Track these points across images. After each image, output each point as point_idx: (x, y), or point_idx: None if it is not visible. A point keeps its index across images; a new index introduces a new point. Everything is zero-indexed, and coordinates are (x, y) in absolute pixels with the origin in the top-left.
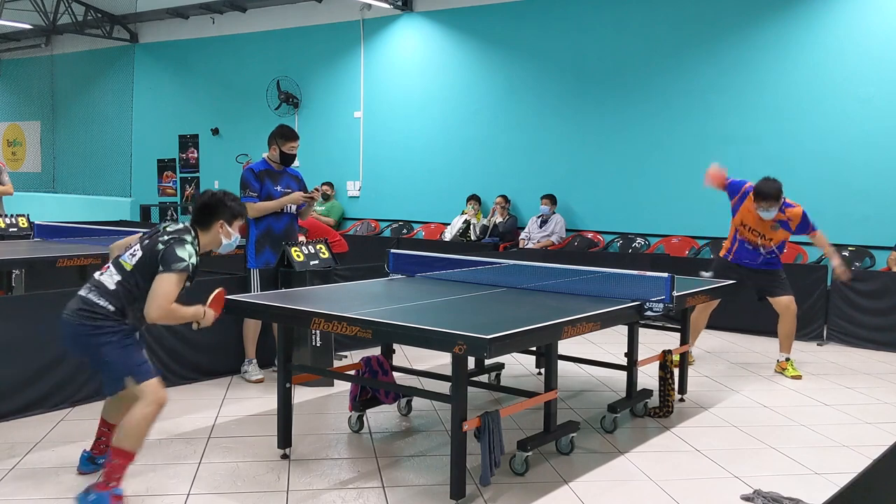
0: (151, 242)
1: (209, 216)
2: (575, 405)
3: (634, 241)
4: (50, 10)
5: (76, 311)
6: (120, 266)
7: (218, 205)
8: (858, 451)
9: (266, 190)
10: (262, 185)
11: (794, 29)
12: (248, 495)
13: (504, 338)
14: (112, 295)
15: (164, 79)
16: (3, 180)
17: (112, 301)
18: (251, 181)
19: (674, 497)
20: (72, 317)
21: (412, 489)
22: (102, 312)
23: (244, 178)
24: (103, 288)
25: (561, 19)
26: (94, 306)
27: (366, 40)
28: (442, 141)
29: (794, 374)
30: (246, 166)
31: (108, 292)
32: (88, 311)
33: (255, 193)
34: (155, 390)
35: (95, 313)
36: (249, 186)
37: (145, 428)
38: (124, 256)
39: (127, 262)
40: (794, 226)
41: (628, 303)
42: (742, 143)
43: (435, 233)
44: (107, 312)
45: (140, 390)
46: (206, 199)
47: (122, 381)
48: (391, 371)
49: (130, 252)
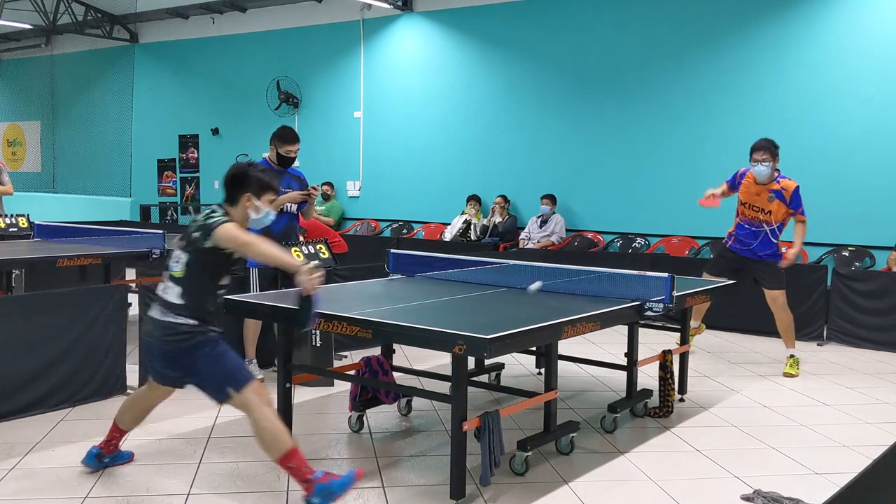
0: (187, 238)
1: (235, 189)
2: (575, 405)
3: (634, 241)
4: (50, 10)
5: (162, 337)
6: (171, 277)
7: (243, 177)
8: (858, 451)
9: None
10: None
11: (794, 29)
12: (248, 495)
13: (504, 338)
14: (184, 308)
15: (164, 79)
16: (4, 180)
17: (188, 314)
18: None
19: (674, 497)
20: (160, 342)
21: (412, 489)
22: (187, 329)
23: None
24: (172, 305)
25: (561, 19)
26: (177, 327)
27: (366, 40)
28: (442, 141)
29: (787, 372)
30: None
31: (179, 308)
32: (173, 333)
33: None
34: (256, 398)
35: (180, 333)
36: None
37: (272, 430)
38: (170, 266)
39: (176, 271)
40: (788, 197)
41: (628, 303)
42: (742, 142)
43: (435, 233)
44: (190, 328)
45: (243, 403)
46: (231, 172)
47: (226, 392)
48: (391, 371)
49: (174, 260)
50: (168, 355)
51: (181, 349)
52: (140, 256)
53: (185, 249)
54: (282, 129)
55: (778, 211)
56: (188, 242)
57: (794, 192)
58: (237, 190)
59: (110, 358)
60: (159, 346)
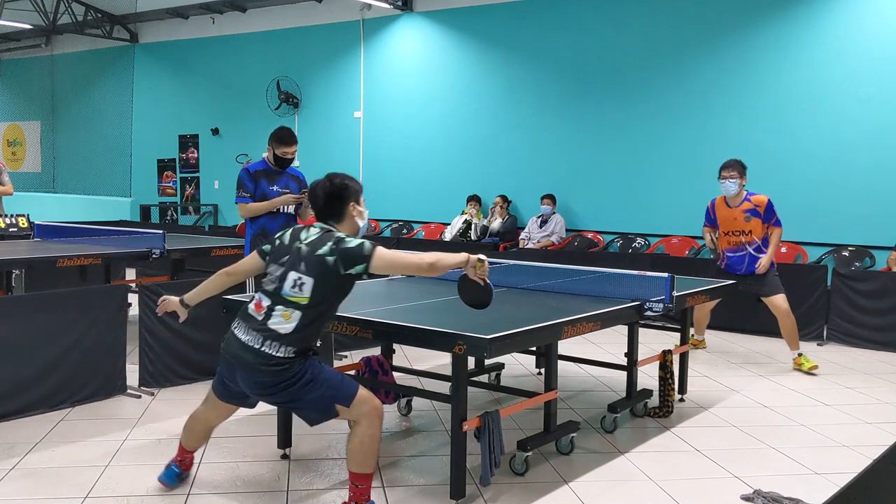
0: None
1: (340, 204)
2: (575, 405)
3: (634, 241)
4: (50, 10)
5: (259, 366)
6: (290, 303)
7: (343, 189)
8: (858, 451)
9: (261, 190)
10: (256, 186)
11: (794, 29)
12: (248, 495)
13: (504, 338)
14: (292, 340)
15: (164, 79)
16: (4, 180)
17: (294, 345)
18: (245, 182)
19: (674, 497)
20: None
21: (412, 489)
22: (288, 361)
23: (239, 179)
24: (280, 336)
25: (561, 19)
26: (279, 360)
27: (366, 40)
28: (442, 141)
29: (810, 366)
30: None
31: (288, 339)
32: (271, 365)
33: (249, 194)
34: (369, 407)
35: (281, 364)
36: (243, 187)
37: (376, 446)
38: (286, 291)
39: (300, 297)
40: (762, 212)
41: (628, 303)
42: (742, 142)
43: (435, 233)
44: (291, 360)
45: (354, 414)
46: (328, 190)
47: (333, 410)
48: (391, 371)
49: (291, 284)
50: (260, 385)
51: (279, 381)
52: (140, 256)
53: (308, 273)
54: (279, 131)
55: (756, 228)
56: (313, 265)
57: (766, 206)
58: (341, 204)
59: (110, 358)
60: (250, 374)
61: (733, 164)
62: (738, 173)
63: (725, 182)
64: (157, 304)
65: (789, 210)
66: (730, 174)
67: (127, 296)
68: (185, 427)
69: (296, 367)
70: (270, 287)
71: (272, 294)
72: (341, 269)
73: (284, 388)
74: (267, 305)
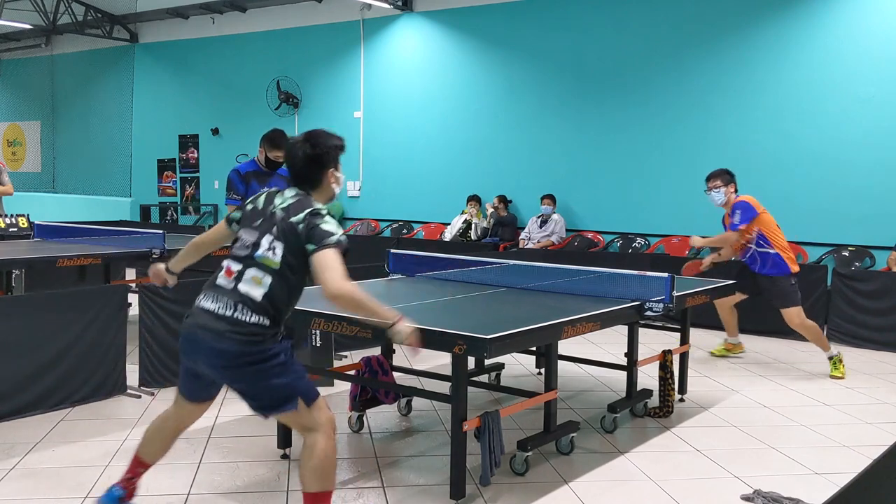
0: (283, 227)
1: (319, 170)
2: (575, 405)
3: (634, 241)
4: (50, 10)
5: (227, 333)
6: (263, 266)
7: (322, 154)
8: (858, 451)
9: (251, 191)
10: (247, 187)
11: (794, 29)
12: (248, 495)
13: (504, 338)
14: (264, 307)
15: (164, 79)
16: (4, 180)
17: (266, 314)
18: (236, 183)
19: (674, 497)
20: (221, 338)
21: (412, 489)
22: (261, 332)
23: (229, 180)
24: (251, 300)
25: (561, 19)
26: (252, 327)
27: (366, 40)
28: (442, 141)
29: (835, 374)
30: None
31: (258, 305)
32: (242, 334)
33: (239, 196)
34: (327, 416)
35: (255, 334)
36: (234, 189)
37: (333, 462)
38: (260, 255)
39: (271, 260)
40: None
41: (628, 303)
42: (742, 142)
43: (435, 233)
44: (263, 330)
45: (313, 417)
46: (309, 153)
47: (295, 402)
48: (391, 371)
49: (266, 247)
50: (226, 357)
51: (249, 352)
52: (140, 256)
53: (280, 238)
54: (272, 133)
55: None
56: (286, 231)
57: (734, 205)
58: (320, 170)
59: (110, 358)
60: (217, 344)
61: (716, 173)
62: (721, 182)
63: (711, 193)
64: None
65: (789, 210)
66: (714, 184)
67: (127, 296)
68: (149, 433)
69: (269, 343)
70: (242, 252)
71: (244, 258)
72: (303, 241)
73: (252, 362)
74: (238, 269)
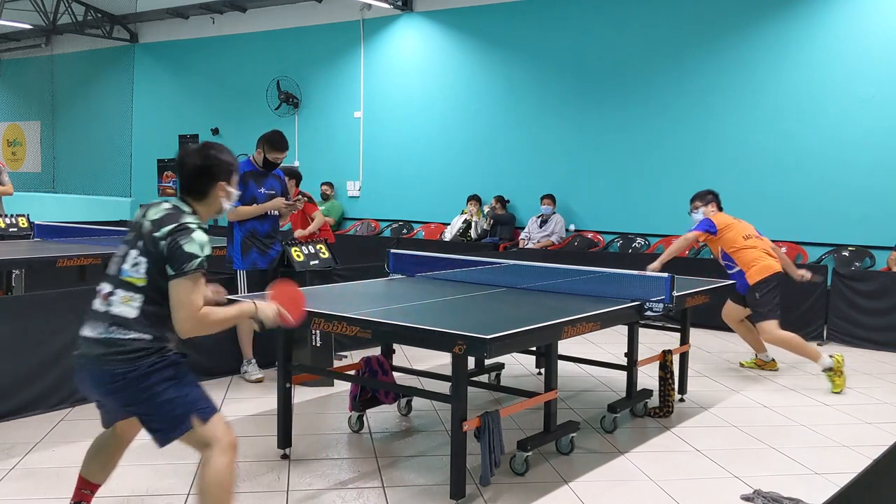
0: (147, 241)
1: (207, 181)
2: (575, 405)
3: (634, 241)
4: (50, 10)
5: (105, 356)
6: (129, 285)
7: (214, 165)
8: (858, 451)
9: (250, 192)
10: (245, 188)
11: (794, 29)
12: (248, 495)
13: (504, 338)
14: (141, 323)
15: (164, 79)
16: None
17: (145, 330)
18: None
19: (674, 497)
20: (101, 361)
21: (412, 489)
22: (142, 347)
23: None
24: (124, 321)
25: (561, 19)
26: (132, 343)
27: (366, 40)
28: (442, 141)
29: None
30: None
31: (134, 323)
32: (122, 353)
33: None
34: (225, 432)
35: (136, 350)
36: None
37: (231, 482)
38: (126, 272)
39: (135, 278)
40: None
41: (628, 303)
42: (742, 142)
43: (435, 233)
44: (146, 344)
45: (209, 433)
46: (197, 162)
47: (189, 421)
48: (391, 371)
49: (131, 263)
50: (110, 379)
51: (131, 371)
52: None
53: (144, 253)
54: (273, 135)
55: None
56: (149, 244)
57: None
58: (210, 181)
59: None
60: (99, 368)
61: (698, 195)
62: (701, 203)
63: (692, 214)
64: None
65: (789, 210)
66: (694, 205)
67: None
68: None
69: (154, 357)
70: (113, 269)
71: (113, 278)
72: (163, 261)
73: (137, 379)
74: (108, 291)
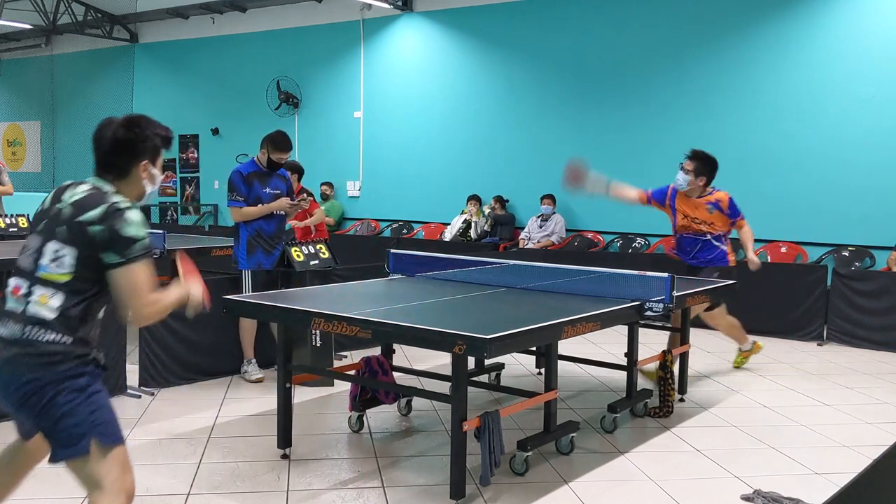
0: (71, 228)
1: (129, 158)
2: (575, 405)
3: (634, 241)
4: (50, 10)
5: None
6: (48, 282)
7: (138, 140)
8: (858, 451)
9: (254, 193)
10: (250, 189)
11: (794, 29)
12: (248, 495)
13: (504, 338)
14: (61, 324)
15: (164, 79)
16: (4, 180)
17: (65, 332)
18: (239, 185)
19: (674, 497)
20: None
21: (412, 489)
22: (61, 352)
23: (232, 182)
24: (42, 321)
25: (561, 19)
26: (48, 346)
27: (366, 40)
28: (442, 141)
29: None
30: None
31: (52, 324)
32: (41, 354)
33: (243, 198)
34: (122, 475)
35: (52, 354)
36: (237, 190)
37: None
38: (44, 268)
39: (56, 274)
40: (725, 207)
41: (628, 303)
42: (742, 142)
43: (435, 233)
44: (64, 349)
45: (104, 469)
46: (119, 135)
47: (86, 443)
48: (391, 371)
49: (50, 257)
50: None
51: (43, 376)
52: None
53: (68, 243)
54: (277, 135)
55: (718, 221)
56: (75, 232)
57: (728, 202)
58: (130, 159)
59: (110, 358)
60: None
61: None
62: (699, 166)
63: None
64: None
65: (789, 210)
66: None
67: None
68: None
69: (71, 364)
70: (26, 264)
71: (28, 274)
72: (99, 249)
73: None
74: (24, 288)
